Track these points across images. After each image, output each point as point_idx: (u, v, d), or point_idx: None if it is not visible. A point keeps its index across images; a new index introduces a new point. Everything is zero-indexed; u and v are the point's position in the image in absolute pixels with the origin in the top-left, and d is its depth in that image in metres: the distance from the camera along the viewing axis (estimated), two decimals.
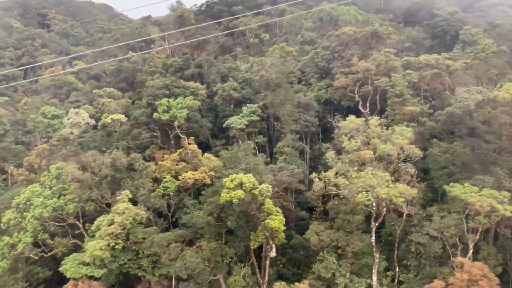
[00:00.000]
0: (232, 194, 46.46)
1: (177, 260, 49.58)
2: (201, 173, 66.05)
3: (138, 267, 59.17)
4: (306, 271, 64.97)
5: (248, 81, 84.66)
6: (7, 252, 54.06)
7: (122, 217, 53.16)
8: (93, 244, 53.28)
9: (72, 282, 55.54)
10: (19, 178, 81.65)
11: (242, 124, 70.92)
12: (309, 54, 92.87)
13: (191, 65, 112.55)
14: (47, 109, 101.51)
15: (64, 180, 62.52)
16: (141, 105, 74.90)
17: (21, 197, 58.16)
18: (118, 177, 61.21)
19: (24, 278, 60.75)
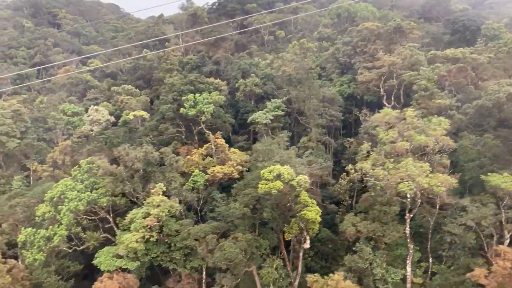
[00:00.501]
0: (271, 185, 47.06)
1: (215, 251, 50.08)
2: (229, 167, 66.78)
3: (169, 260, 59.98)
4: (334, 264, 65.56)
5: (269, 76, 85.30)
6: (43, 245, 54.73)
7: (157, 209, 53.81)
8: (129, 236, 53.98)
9: (106, 275, 56.20)
10: (44, 174, 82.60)
11: (267, 119, 71.46)
12: (328, 50, 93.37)
13: (208, 63, 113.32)
14: (66, 107, 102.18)
15: (95, 174, 63.23)
16: (166, 100, 75.63)
17: (54, 191, 58.85)
18: (150, 171, 61.88)
19: (55, 272, 61.69)
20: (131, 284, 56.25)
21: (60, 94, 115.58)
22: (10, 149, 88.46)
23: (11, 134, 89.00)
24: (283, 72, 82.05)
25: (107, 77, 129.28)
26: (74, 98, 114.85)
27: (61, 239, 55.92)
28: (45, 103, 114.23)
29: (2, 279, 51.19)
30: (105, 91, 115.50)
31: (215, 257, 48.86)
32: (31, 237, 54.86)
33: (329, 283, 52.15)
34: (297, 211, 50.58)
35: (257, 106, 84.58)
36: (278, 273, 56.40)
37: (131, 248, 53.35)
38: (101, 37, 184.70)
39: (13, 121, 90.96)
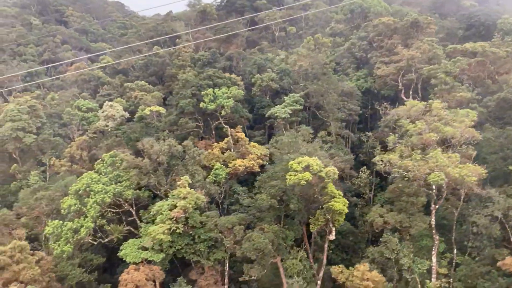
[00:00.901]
0: (300, 176, 47.56)
1: (243, 241, 50.59)
2: (250, 160, 67.33)
3: (193, 252, 60.58)
4: (355, 256, 66.26)
5: (285, 71, 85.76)
6: (70, 237, 55.26)
7: (184, 201, 54.31)
8: (155, 228, 54.52)
9: (132, 266, 56.75)
10: (62, 169, 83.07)
11: (286, 113, 71.93)
12: (342, 45, 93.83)
13: (220, 59, 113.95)
14: (81, 102, 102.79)
15: (118, 168, 63.74)
16: (185, 95, 76.09)
17: (79, 184, 59.39)
18: (173, 164, 62.40)
19: (79, 265, 62.26)
20: (157, 275, 56.88)
21: (72, 90, 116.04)
22: (26, 145, 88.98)
23: (27, 130, 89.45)
24: (300, 67, 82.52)
25: (118, 73, 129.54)
26: (86, 94, 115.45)
27: (88, 231, 56.49)
28: (56, 99, 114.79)
29: (31, 270, 51.75)
30: (118, 88, 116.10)
31: (244, 248, 49.38)
32: (58, 229, 55.40)
33: (355, 274, 52.79)
34: (324, 203, 51.06)
35: (273, 101, 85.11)
36: (302, 264, 56.89)
37: (158, 239, 53.89)
38: (109, 34, 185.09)
39: (29, 116, 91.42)
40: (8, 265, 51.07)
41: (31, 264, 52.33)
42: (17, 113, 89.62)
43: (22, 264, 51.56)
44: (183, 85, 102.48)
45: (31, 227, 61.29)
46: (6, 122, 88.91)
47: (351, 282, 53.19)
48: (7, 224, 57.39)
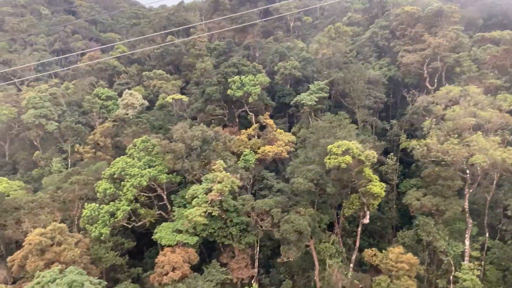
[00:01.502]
0: (340, 160, 48.29)
1: (281, 224, 51.43)
2: (278, 147, 68.10)
3: (225, 235, 61.53)
4: (381, 242, 67.41)
5: (307, 60, 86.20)
6: (107, 220, 56.06)
7: (221, 184, 55.04)
8: (192, 211, 55.32)
9: (168, 249, 57.69)
10: (87, 156, 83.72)
11: (313, 101, 72.49)
12: (363, 34, 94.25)
13: (238, 48, 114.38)
14: (100, 90, 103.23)
15: (150, 153, 64.45)
16: (212, 82, 76.54)
17: (114, 168, 60.13)
18: (205, 149, 63.07)
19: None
20: (192, 258, 57.82)
21: (90, 78, 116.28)
22: (49, 132, 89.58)
23: (49, 117, 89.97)
24: (323, 55, 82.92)
25: (133, 63, 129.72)
26: (103, 83, 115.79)
27: (124, 214, 57.25)
28: (71, 88, 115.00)
29: (72, 251, 52.63)
30: (134, 77, 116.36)
31: (283, 229, 50.21)
32: (96, 211, 56.18)
33: (389, 257, 53.75)
34: (361, 186, 51.87)
35: (296, 90, 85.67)
36: (334, 247, 57.86)
37: (196, 222, 54.70)
38: (118, 24, 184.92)
39: (51, 104, 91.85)
40: (49, 246, 51.93)
41: (71, 246, 53.20)
42: (39, 100, 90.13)
43: (63, 245, 52.45)
44: (201, 73, 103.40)
45: (64, 210, 62.01)
46: (29, 109, 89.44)
47: (385, 265, 54.21)
48: (43, 207, 58.09)
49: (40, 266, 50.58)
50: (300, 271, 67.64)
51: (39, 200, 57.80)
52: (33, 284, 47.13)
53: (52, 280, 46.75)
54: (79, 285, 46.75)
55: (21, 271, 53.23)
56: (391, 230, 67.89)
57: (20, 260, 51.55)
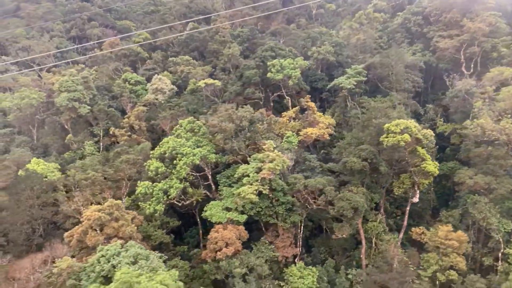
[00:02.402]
0: (399, 138, 49.30)
1: (336, 201, 52.55)
2: (320, 129, 69.11)
3: (270, 214, 62.75)
4: (421, 222, 68.61)
5: (340, 45, 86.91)
6: (161, 197, 57.08)
7: (273, 163, 56.06)
8: (245, 189, 56.41)
9: (219, 226, 58.78)
10: (122, 138, 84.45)
11: (351, 84, 73.36)
12: (393, 20, 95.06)
13: (258, 35, 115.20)
14: (129, 75, 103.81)
15: (196, 133, 65.39)
16: (250, 66, 77.22)
17: (164, 147, 61.05)
18: (252, 130, 63.99)
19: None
20: (242, 235, 59.01)
21: (115, 64, 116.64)
22: (81, 115, 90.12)
23: (82, 100, 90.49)
24: (357, 40, 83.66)
25: (155, 49, 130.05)
26: (129, 68, 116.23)
27: (178, 191, 58.26)
28: (93, 74, 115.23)
29: (129, 227, 53.70)
30: (159, 63, 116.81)
31: (339, 206, 51.34)
32: (150, 189, 57.17)
33: (439, 234, 55.05)
34: (413, 165, 52.93)
35: (328, 74, 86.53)
36: (382, 226, 59.14)
37: (248, 199, 55.77)
38: (132, 12, 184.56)
39: (83, 87, 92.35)
40: (107, 221, 52.94)
41: (128, 222, 54.25)
42: (72, 83, 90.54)
43: (120, 221, 53.48)
44: (228, 59, 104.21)
45: (113, 188, 63.00)
46: (62, 93, 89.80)
47: (434, 242, 55.51)
48: (97, 185, 59.06)
49: (100, 241, 51.66)
50: (341, 251, 69.15)
51: (92, 177, 58.69)
52: (98, 256, 48.22)
53: (117, 253, 47.86)
54: (144, 257, 47.96)
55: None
56: (430, 210, 69.12)
57: (79, 235, 52.56)
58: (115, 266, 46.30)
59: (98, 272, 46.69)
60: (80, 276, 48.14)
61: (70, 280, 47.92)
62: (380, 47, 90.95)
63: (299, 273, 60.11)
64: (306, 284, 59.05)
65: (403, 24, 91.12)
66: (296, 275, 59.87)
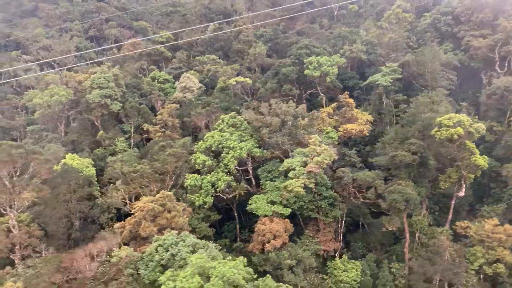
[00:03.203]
0: (452, 131, 50.22)
1: (386, 194, 53.36)
2: (359, 125, 70.07)
3: (312, 209, 63.63)
4: (458, 218, 69.25)
5: (371, 43, 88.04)
6: (210, 189, 57.92)
7: (320, 157, 56.94)
8: (292, 182, 57.24)
9: (265, 219, 59.58)
10: (157, 134, 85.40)
11: (388, 82, 74.38)
12: (420, 20, 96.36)
13: (281, 35, 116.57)
14: (157, 74, 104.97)
15: (238, 128, 66.33)
16: (286, 63, 78.25)
17: (210, 141, 62.00)
18: (294, 125, 64.92)
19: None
20: (288, 228, 59.81)
21: (140, 63, 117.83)
22: (113, 112, 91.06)
23: (113, 97, 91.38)
24: (389, 39, 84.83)
25: (176, 49, 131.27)
26: (154, 67, 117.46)
27: (225, 184, 59.09)
28: (118, 73, 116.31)
29: (181, 218, 54.54)
30: (184, 62, 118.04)
31: (391, 199, 52.13)
32: (199, 181, 58.02)
33: (486, 228, 55.83)
34: (462, 159, 53.79)
35: (359, 73, 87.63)
36: (426, 220, 59.92)
37: (296, 192, 56.62)
38: (148, 13, 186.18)
39: (114, 85, 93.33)
40: (160, 212, 53.75)
41: (180, 213, 55.07)
42: (104, 80, 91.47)
43: (173, 212, 54.29)
44: (255, 58, 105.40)
45: (159, 181, 63.83)
46: (94, 89, 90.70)
47: (479, 236, 56.29)
48: (145, 177, 59.91)
49: (154, 231, 52.47)
50: (379, 246, 69.98)
51: (141, 170, 59.53)
52: (155, 246, 48.98)
53: (175, 242, 48.62)
54: (202, 246, 48.73)
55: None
56: (468, 206, 69.91)
57: (132, 226, 53.36)
58: (174, 255, 47.07)
59: (157, 261, 47.48)
60: (138, 265, 48.90)
61: (127, 270, 48.64)
62: (408, 47, 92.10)
63: (343, 266, 60.94)
64: (350, 277, 59.83)
65: (432, 24, 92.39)
66: (340, 269, 60.70)
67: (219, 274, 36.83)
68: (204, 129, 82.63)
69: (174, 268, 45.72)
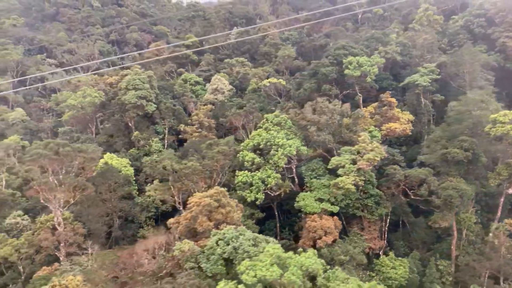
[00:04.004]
0: (509, 128, 51.16)
1: (439, 190, 54.18)
2: (401, 124, 71.06)
3: (357, 207, 64.46)
4: (502, 217, 69.56)
5: (405, 45, 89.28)
6: (260, 186, 58.94)
7: (372, 153, 57.91)
8: (343, 179, 58.21)
9: (314, 216, 60.41)
10: (194, 135, 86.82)
11: (427, 82, 75.44)
12: (451, 22, 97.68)
13: (306, 38, 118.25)
14: (188, 76, 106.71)
15: (283, 127, 67.47)
16: (324, 64, 79.51)
17: (257, 139, 63.12)
18: (340, 124, 66.03)
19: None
20: (337, 225, 60.61)
21: (169, 65, 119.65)
22: (148, 113, 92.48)
23: (149, 98, 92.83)
24: (424, 40, 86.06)
25: (201, 53, 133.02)
26: (183, 70, 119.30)
27: (275, 181, 60.07)
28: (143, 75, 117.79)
29: (236, 213, 55.49)
30: (211, 65, 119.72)
31: (446, 194, 52.93)
32: (250, 178, 59.04)
33: None
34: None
35: (393, 74, 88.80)
36: (474, 218, 60.59)
37: (347, 189, 57.56)
38: (166, 18, 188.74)
39: (149, 86, 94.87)
40: (215, 208, 54.69)
41: (233, 208, 56.02)
42: (139, 82, 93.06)
43: (227, 208, 55.25)
44: (283, 60, 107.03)
45: (207, 178, 64.91)
46: (129, 91, 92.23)
47: None
48: (196, 174, 61.01)
49: (210, 226, 53.40)
50: (421, 245, 70.60)
51: (192, 167, 60.60)
52: (215, 239, 49.90)
53: (235, 236, 49.51)
54: (262, 240, 49.63)
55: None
56: (509, 206, 70.39)
57: (189, 221, 54.31)
58: (236, 248, 47.94)
59: (219, 255, 48.34)
60: (198, 259, 49.78)
61: (188, 263, 49.51)
62: (439, 49, 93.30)
63: (391, 263, 61.58)
64: (399, 274, 60.46)
65: (464, 26, 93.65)
66: (389, 266, 61.35)
67: (297, 263, 37.68)
68: (241, 129, 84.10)
69: (237, 261, 46.71)
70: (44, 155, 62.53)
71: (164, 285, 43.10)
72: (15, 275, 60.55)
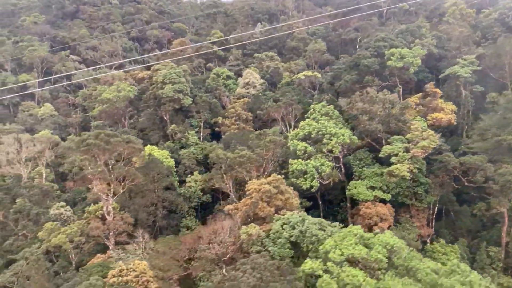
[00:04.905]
0: None
1: (497, 176, 55.27)
2: (446, 114, 72.14)
3: (407, 195, 65.55)
4: None
5: (440, 38, 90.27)
6: (314, 174, 60.09)
7: (426, 141, 59.01)
8: (398, 167, 59.30)
9: (367, 204, 61.55)
10: (233, 127, 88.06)
11: (468, 73, 76.48)
12: (491, 15, 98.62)
13: (332, 33, 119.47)
14: (220, 70, 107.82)
15: (331, 117, 68.62)
16: (365, 55, 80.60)
17: (309, 128, 64.26)
18: (388, 114, 67.09)
19: None
20: (391, 211, 61.75)
21: (198, 61, 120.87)
22: (184, 106, 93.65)
23: (185, 92, 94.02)
24: (460, 33, 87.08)
25: (227, 48, 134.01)
26: (211, 65, 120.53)
27: (329, 169, 61.23)
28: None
29: (294, 200, 56.67)
30: (239, 59, 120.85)
31: (504, 180, 54.10)
32: (304, 166, 60.21)
33: None
34: None
35: (428, 67, 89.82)
36: None
37: (402, 176, 58.68)
38: (184, 14, 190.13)
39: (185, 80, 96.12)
40: (274, 194, 55.90)
41: (291, 195, 57.22)
42: (176, 76, 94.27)
43: (286, 194, 56.47)
44: (313, 54, 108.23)
45: (258, 167, 66.07)
46: (166, 84, 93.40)
47: None
48: (250, 162, 62.21)
49: (271, 212, 54.61)
50: (465, 233, 71.65)
51: (247, 155, 61.79)
52: (280, 224, 51.13)
53: (301, 221, 50.73)
54: (327, 225, 50.81)
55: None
56: None
57: (249, 206, 55.48)
58: (303, 232, 49.15)
59: (286, 238, 49.57)
60: (264, 242, 50.98)
61: (254, 247, 50.70)
62: (473, 42, 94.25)
63: (442, 250, 62.67)
64: (451, 259, 61.46)
65: (499, 19, 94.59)
66: (440, 252, 62.43)
67: (382, 242, 38.85)
68: (280, 121, 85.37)
69: (305, 244, 48.02)
70: (96, 144, 63.65)
71: (240, 266, 44.12)
72: (65, 264, 61.77)
